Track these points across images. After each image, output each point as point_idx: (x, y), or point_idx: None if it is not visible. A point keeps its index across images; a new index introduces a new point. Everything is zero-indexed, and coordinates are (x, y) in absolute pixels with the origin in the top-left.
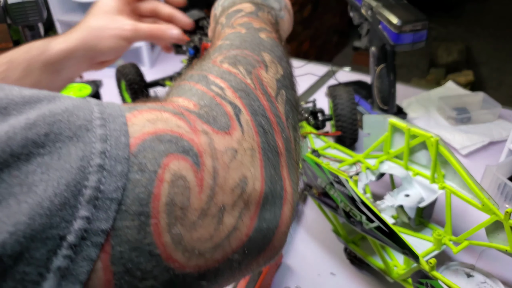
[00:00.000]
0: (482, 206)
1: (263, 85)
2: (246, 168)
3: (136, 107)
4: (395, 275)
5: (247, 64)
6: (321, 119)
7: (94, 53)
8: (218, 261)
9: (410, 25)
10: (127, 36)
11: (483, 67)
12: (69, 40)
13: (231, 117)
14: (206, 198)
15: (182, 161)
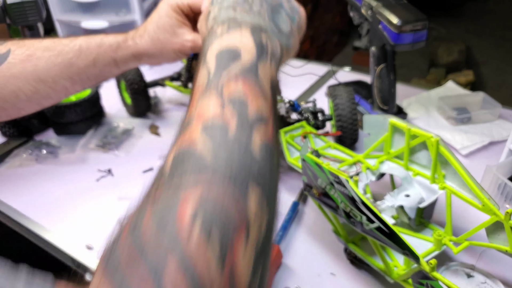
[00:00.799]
0: (482, 207)
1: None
2: None
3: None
4: (395, 276)
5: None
6: (321, 119)
7: (155, 60)
8: None
9: (410, 25)
10: (186, 51)
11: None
12: (137, 47)
13: None
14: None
15: None
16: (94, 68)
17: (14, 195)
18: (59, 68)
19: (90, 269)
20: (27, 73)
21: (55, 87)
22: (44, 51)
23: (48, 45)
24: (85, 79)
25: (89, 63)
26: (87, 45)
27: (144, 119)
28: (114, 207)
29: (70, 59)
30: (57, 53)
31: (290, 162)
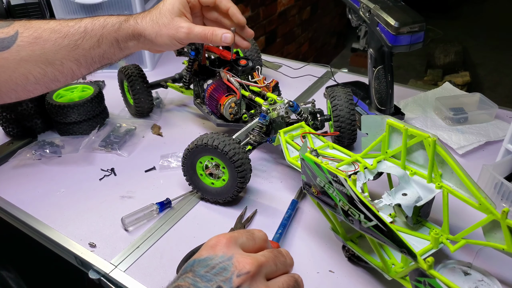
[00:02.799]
0: (479, 205)
1: None
2: None
3: None
4: (393, 273)
5: None
6: (320, 120)
7: (151, 44)
8: None
9: (408, 27)
10: (181, 38)
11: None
12: (137, 26)
13: None
14: None
15: None
16: (98, 49)
17: (18, 194)
18: (66, 50)
19: (93, 266)
20: (36, 56)
21: (63, 69)
22: (51, 33)
23: (55, 27)
24: (90, 61)
25: (93, 44)
26: (92, 27)
27: (146, 119)
28: (117, 206)
29: (76, 41)
30: (64, 35)
31: (289, 161)
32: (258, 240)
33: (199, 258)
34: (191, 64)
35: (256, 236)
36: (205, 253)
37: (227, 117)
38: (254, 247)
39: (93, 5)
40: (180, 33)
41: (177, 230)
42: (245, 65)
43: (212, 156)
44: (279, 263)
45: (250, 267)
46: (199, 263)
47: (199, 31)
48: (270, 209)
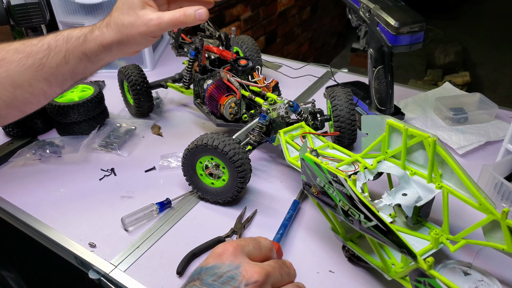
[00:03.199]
0: (479, 205)
1: None
2: None
3: None
4: (393, 273)
5: None
6: (320, 120)
7: (126, 48)
8: None
9: (408, 27)
10: (153, 31)
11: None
12: (104, 36)
13: None
14: None
15: None
16: (67, 66)
17: (18, 194)
18: (32, 71)
19: (93, 266)
20: (1, 78)
21: (32, 91)
22: (14, 54)
23: (18, 47)
24: (61, 79)
25: (60, 61)
26: (55, 43)
27: (146, 119)
28: (117, 206)
29: (40, 59)
30: (27, 55)
31: (289, 161)
32: (264, 249)
33: (206, 266)
34: (191, 64)
35: (262, 245)
36: (212, 261)
37: (227, 117)
38: (260, 256)
39: (93, 5)
40: (151, 26)
41: (177, 230)
42: (245, 65)
43: (212, 156)
44: (284, 273)
45: (258, 277)
46: (206, 271)
47: (169, 16)
48: (270, 209)
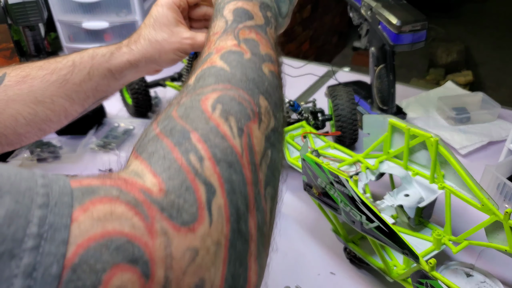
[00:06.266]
0: (481, 206)
1: (253, 150)
2: (205, 269)
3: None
4: (395, 275)
5: (241, 116)
6: (321, 119)
7: (154, 65)
8: None
9: (410, 26)
10: (186, 49)
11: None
12: (133, 52)
13: (201, 205)
14: None
15: (128, 274)
16: (90, 82)
17: None
18: (55, 87)
19: None
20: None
21: (54, 107)
22: (38, 70)
23: (42, 64)
24: (83, 96)
25: (84, 78)
26: (80, 60)
27: (144, 119)
28: None
29: (64, 75)
30: (51, 71)
31: (290, 162)
32: None
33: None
34: (191, 63)
35: None
36: None
37: None
38: None
39: (91, 3)
40: (184, 44)
41: None
42: None
43: None
44: None
45: None
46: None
47: (202, 39)
48: None
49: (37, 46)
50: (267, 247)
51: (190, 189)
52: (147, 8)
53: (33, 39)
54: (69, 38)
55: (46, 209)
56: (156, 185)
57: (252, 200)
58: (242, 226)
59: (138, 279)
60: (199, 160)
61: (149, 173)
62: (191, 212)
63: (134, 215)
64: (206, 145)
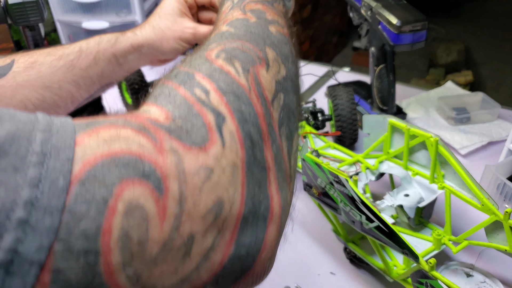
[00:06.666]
0: (481, 206)
1: (261, 87)
2: (223, 188)
3: (95, 123)
4: (395, 275)
5: (246, 60)
6: (321, 119)
7: (156, 52)
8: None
9: (410, 26)
10: (188, 38)
11: (482, 67)
12: (136, 37)
13: (211, 129)
14: (169, 230)
15: (140, 188)
16: (96, 67)
17: None
18: (62, 72)
19: None
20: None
21: (61, 93)
22: (46, 56)
23: (49, 51)
24: (89, 82)
25: (90, 63)
26: (86, 45)
27: None
28: None
29: (71, 60)
30: (59, 57)
31: None
32: None
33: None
34: None
35: None
36: None
37: None
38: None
39: (91, 3)
40: (186, 33)
41: None
42: None
43: None
44: None
45: None
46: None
47: (205, 30)
48: None
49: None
50: (289, 184)
51: (198, 116)
52: (147, 8)
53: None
54: (69, 38)
55: (49, 133)
56: (163, 115)
57: (266, 133)
58: (257, 153)
59: (151, 193)
60: (204, 93)
61: (155, 107)
62: (200, 134)
63: (142, 137)
64: (211, 80)
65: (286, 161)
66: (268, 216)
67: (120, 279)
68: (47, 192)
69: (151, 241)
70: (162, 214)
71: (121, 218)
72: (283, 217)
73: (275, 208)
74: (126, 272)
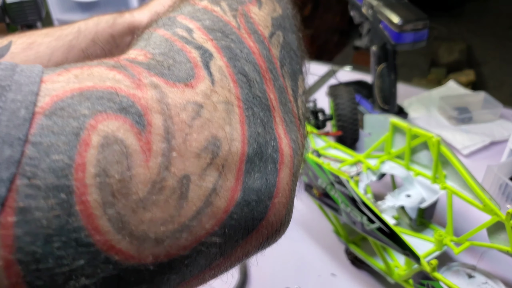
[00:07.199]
0: (483, 207)
1: (252, 23)
2: (217, 126)
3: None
4: (396, 276)
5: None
6: (322, 119)
7: None
8: (186, 247)
9: (411, 24)
10: None
11: (484, 67)
12: (133, 19)
13: (196, 65)
14: (157, 168)
15: (117, 122)
16: (94, 48)
17: None
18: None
19: None
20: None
21: None
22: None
23: (48, 31)
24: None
25: (88, 44)
26: (85, 26)
27: None
28: None
29: (70, 41)
30: (57, 37)
31: None
32: None
33: None
34: None
35: None
36: None
37: None
38: None
39: (89, 2)
40: None
41: None
42: None
43: None
44: None
45: None
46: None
47: None
48: None
49: None
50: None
51: (180, 52)
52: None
53: None
54: None
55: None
56: (141, 54)
57: (265, 70)
58: (256, 91)
59: (130, 128)
60: (187, 31)
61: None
62: (185, 70)
63: (117, 73)
64: (194, 20)
65: (293, 102)
66: (278, 159)
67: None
68: (6, 122)
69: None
70: (147, 150)
71: (96, 152)
72: (295, 160)
73: (285, 149)
74: (108, 214)
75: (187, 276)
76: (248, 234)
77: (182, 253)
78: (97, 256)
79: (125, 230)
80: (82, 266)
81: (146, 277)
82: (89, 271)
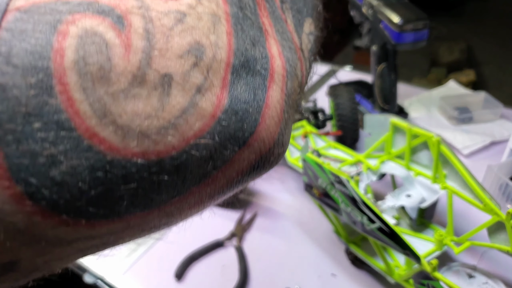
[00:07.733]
0: (483, 207)
1: None
2: (201, 33)
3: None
4: (397, 276)
5: None
6: (322, 119)
7: None
8: (175, 146)
9: (411, 24)
10: None
11: (484, 67)
12: None
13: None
14: (137, 62)
15: (95, 20)
16: None
17: None
18: None
19: (87, 269)
20: None
21: None
22: None
23: None
24: None
25: None
26: None
27: None
28: None
29: None
30: None
31: (290, 162)
32: None
33: None
34: None
35: None
36: None
37: None
38: None
39: None
40: None
41: (176, 233)
42: None
43: None
44: None
45: None
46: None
47: None
48: (270, 211)
49: None
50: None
51: None
52: None
53: None
54: None
55: None
56: None
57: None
58: (247, 12)
59: (110, 25)
60: None
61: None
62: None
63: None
64: None
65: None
66: (268, 75)
67: (81, 107)
68: None
69: (116, 69)
70: (127, 45)
71: (75, 41)
72: (288, 81)
73: (276, 68)
74: (88, 100)
75: (181, 189)
76: (239, 147)
77: (172, 153)
78: (80, 143)
79: (106, 118)
80: (65, 151)
81: (135, 175)
82: (72, 159)
